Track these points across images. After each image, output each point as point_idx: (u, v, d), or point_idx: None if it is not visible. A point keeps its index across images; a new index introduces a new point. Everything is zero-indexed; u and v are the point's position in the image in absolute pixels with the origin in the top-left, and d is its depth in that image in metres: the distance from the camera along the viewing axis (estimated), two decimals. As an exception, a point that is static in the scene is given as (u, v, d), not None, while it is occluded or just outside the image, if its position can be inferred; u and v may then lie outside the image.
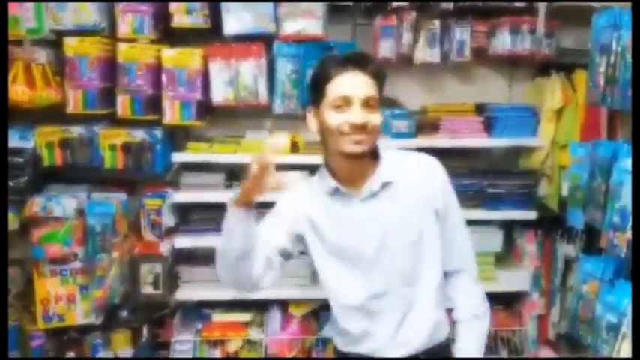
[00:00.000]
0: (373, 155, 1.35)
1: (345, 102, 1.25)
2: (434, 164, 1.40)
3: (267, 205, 1.42)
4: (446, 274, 1.42)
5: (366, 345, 1.39)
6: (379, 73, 1.31)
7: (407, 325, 1.36)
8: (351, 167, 1.31)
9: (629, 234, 1.45)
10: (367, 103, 1.26)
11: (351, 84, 1.25)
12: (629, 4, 1.49)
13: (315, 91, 1.31)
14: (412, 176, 1.35)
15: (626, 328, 1.48)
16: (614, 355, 1.50)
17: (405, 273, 1.35)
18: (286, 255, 1.39)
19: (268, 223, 1.38)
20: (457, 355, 1.41)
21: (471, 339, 1.42)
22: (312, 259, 1.40)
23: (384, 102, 2.55)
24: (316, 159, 2.29)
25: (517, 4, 2.36)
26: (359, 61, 1.29)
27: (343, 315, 1.40)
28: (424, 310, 1.36)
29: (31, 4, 2.18)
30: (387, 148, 1.41)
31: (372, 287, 1.34)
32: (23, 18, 2.17)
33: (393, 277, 1.34)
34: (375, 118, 1.28)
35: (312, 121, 1.34)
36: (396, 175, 1.33)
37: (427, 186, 1.36)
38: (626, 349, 1.47)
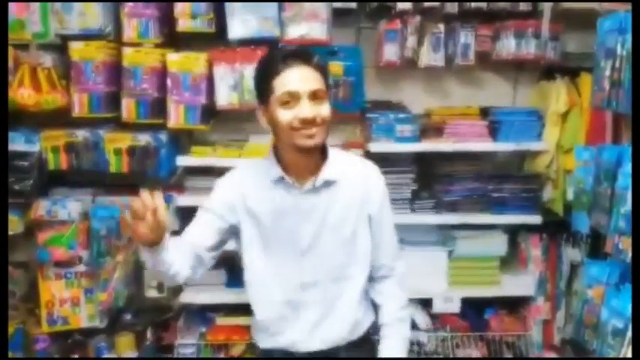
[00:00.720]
0: (321, 150, 1.38)
1: (293, 97, 1.27)
2: (375, 172, 1.47)
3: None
4: (372, 279, 1.48)
5: (286, 337, 1.42)
6: (321, 64, 1.33)
7: (328, 320, 1.40)
8: (300, 159, 1.34)
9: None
10: (315, 96, 1.28)
11: (297, 79, 1.27)
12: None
13: (261, 88, 1.33)
14: (353, 179, 1.40)
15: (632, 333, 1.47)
16: (620, 361, 1.49)
17: (335, 269, 1.39)
18: (218, 247, 1.42)
19: (200, 222, 1.40)
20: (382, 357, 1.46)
21: (396, 342, 1.48)
22: (242, 246, 1.43)
23: (386, 105, 2.57)
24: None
25: (522, 8, 2.35)
26: (301, 55, 1.30)
27: (267, 305, 1.42)
28: (346, 307, 1.41)
29: (37, 9, 2.19)
30: (333, 147, 1.45)
31: (300, 278, 1.38)
32: (29, 22, 2.18)
33: (322, 271, 1.38)
34: (324, 110, 1.30)
35: (262, 118, 1.36)
36: (339, 175, 1.38)
37: (365, 191, 1.42)
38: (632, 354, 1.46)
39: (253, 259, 1.42)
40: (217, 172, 2.37)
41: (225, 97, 2.31)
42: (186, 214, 2.43)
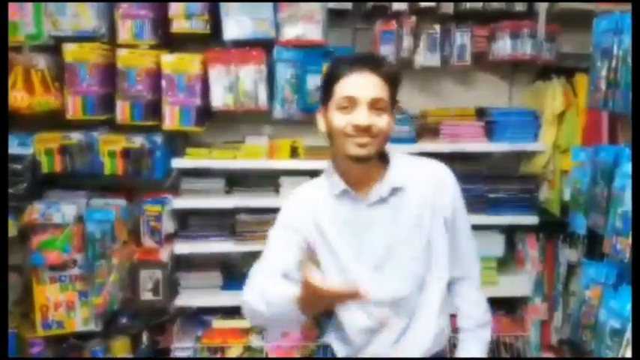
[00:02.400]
0: (382, 159, 1.32)
1: (351, 103, 1.21)
2: (444, 171, 1.37)
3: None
4: (450, 282, 1.40)
5: (369, 351, 1.36)
6: (392, 75, 1.26)
7: (410, 332, 1.34)
8: (359, 170, 1.28)
9: (631, 239, 1.44)
10: (374, 105, 1.21)
11: (358, 84, 1.21)
12: (630, 7, 1.49)
13: (324, 91, 1.28)
14: (422, 182, 1.32)
15: (630, 333, 1.46)
16: (618, 362, 1.49)
17: (412, 280, 1.32)
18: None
19: (282, 243, 1.32)
20: None
21: (476, 348, 1.42)
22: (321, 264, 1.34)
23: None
24: (316, 164, 2.31)
25: (517, 9, 2.35)
26: (369, 61, 1.25)
27: (347, 326, 1.36)
28: (429, 317, 1.34)
29: (30, 10, 2.17)
30: (397, 152, 1.37)
31: (376, 296, 1.29)
32: (22, 24, 2.17)
33: (399, 285, 1.31)
34: (382, 122, 1.23)
35: (320, 121, 1.32)
36: (405, 181, 1.30)
37: (437, 193, 1.33)
38: (630, 355, 1.46)
39: (331, 280, 1.29)
40: (212, 174, 2.39)
41: (220, 99, 2.30)
42: (181, 217, 2.43)
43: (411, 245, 1.31)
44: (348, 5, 2.36)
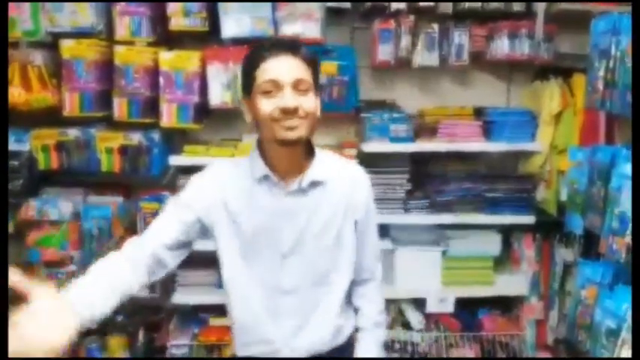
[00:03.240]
0: (308, 149, 1.32)
1: (275, 86, 1.19)
2: (363, 175, 1.40)
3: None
4: (354, 282, 1.44)
5: (265, 346, 1.36)
6: (310, 57, 1.25)
7: (308, 327, 1.35)
8: (285, 155, 1.27)
9: (628, 239, 1.44)
10: (298, 87, 1.20)
11: (280, 67, 1.20)
12: (629, 8, 1.49)
13: (245, 80, 1.25)
14: (341, 181, 1.34)
15: (626, 333, 1.47)
16: (613, 362, 1.50)
17: (317, 275, 1.34)
18: (183, 247, 1.32)
19: (169, 218, 1.30)
20: None
21: (372, 346, 1.45)
22: (219, 249, 1.34)
23: (380, 105, 2.56)
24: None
25: (516, 9, 2.36)
26: (287, 45, 1.24)
27: (244, 313, 1.36)
28: (328, 314, 1.36)
29: (27, 6, 2.17)
30: (320, 148, 1.38)
31: (280, 283, 1.32)
32: (19, 20, 2.16)
33: (303, 277, 1.32)
34: (308, 102, 1.21)
35: (246, 112, 1.29)
36: (326, 176, 1.31)
37: (353, 195, 1.36)
38: (625, 354, 1.46)
39: (230, 262, 1.34)
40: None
41: (218, 96, 2.29)
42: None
43: (322, 240, 1.32)
44: (347, 4, 2.35)
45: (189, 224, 1.29)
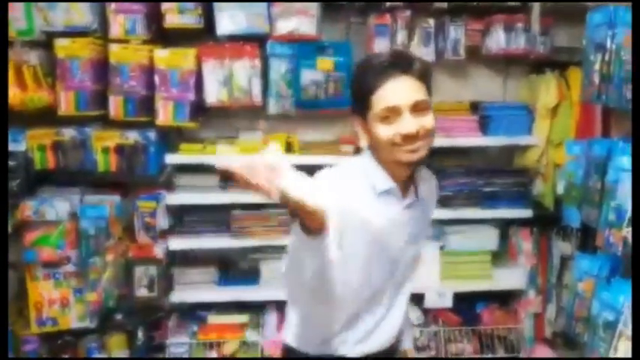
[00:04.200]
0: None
1: (393, 112, 1.16)
2: (436, 181, 1.45)
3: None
4: None
5: (325, 347, 1.34)
6: (424, 72, 1.21)
7: (377, 331, 1.36)
8: (404, 172, 1.25)
9: (624, 232, 1.45)
10: (416, 108, 1.17)
11: (396, 92, 1.16)
12: (624, 3, 1.49)
13: (359, 103, 1.21)
14: (429, 188, 1.38)
15: (623, 326, 1.48)
16: (611, 353, 1.50)
17: (401, 280, 1.36)
18: None
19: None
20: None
21: (408, 343, 1.53)
22: (339, 259, 1.20)
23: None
24: (311, 159, 2.31)
25: (511, 3, 2.35)
26: (402, 64, 1.19)
27: (333, 309, 1.30)
28: (399, 312, 1.38)
29: (20, 6, 2.15)
30: None
31: (385, 286, 1.33)
32: (13, 19, 2.15)
33: (391, 283, 1.34)
34: (427, 122, 1.19)
35: (361, 133, 1.25)
36: (426, 188, 1.35)
37: (432, 200, 1.41)
38: (623, 347, 1.47)
39: (349, 274, 1.25)
40: (207, 169, 2.38)
41: (214, 94, 2.29)
42: (176, 213, 2.43)
43: (415, 248, 1.35)
44: (342, -1, 2.35)
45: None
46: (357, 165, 1.29)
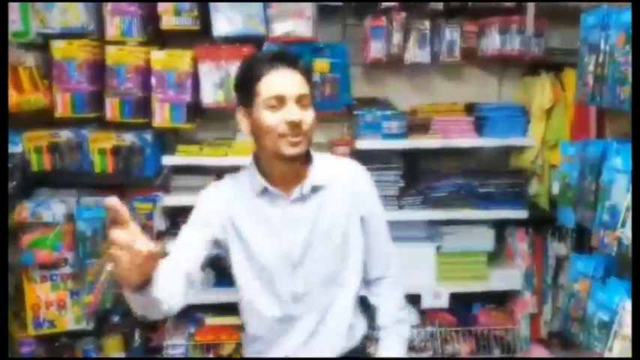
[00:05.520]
0: (305, 156, 1.33)
1: (280, 101, 1.22)
2: (361, 170, 1.42)
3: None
4: (368, 281, 1.44)
5: (281, 350, 1.36)
6: (307, 70, 1.29)
7: (322, 329, 1.35)
8: (284, 169, 1.29)
9: (619, 232, 1.46)
10: (300, 101, 1.23)
11: (284, 82, 1.23)
12: (618, 3, 1.50)
13: (244, 91, 1.27)
14: (341, 181, 1.36)
15: (618, 326, 1.49)
16: (606, 353, 1.51)
17: (327, 276, 1.34)
18: (206, 264, 1.34)
19: (188, 241, 1.30)
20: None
21: (395, 344, 1.44)
22: (232, 264, 1.35)
23: (373, 102, 2.56)
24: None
25: (506, 4, 2.37)
26: (288, 58, 1.26)
27: (257, 320, 1.36)
28: (340, 314, 1.36)
29: (16, 8, 2.15)
30: (316, 151, 1.39)
31: (293, 291, 1.32)
32: (9, 21, 2.14)
33: (314, 280, 1.33)
34: (309, 117, 1.25)
35: (243, 122, 1.30)
36: (326, 179, 1.33)
37: (354, 192, 1.37)
38: (618, 346, 1.48)
39: (244, 278, 1.35)
40: (204, 171, 2.38)
41: (210, 95, 2.29)
42: (172, 214, 2.43)
43: (329, 242, 1.33)
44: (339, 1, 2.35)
45: (210, 242, 1.31)
46: (240, 173, 1.38)
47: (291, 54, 1.30)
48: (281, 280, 1.32)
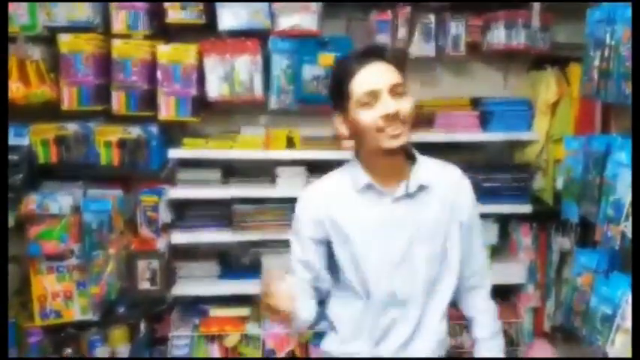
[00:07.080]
0: (407, 155, 1.31)
1: (373, 96, 1.19)
2: (462, 175, 1.38)
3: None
4: (462, 290, 1.39)
5: (373, 353, 1.33)
6: (399, 58, 1.25)
7: (417, 338, 1.31)
8: (388, 164, 1.26)
9: (623, 226, 1.46)
10: (394, 91, 1.20)
11: (373, 76, 1.20)
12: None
13: (338, 96, 1.25)
14: (444, 184, 1.32)
15: (621, 319, 1.50)
16: (608, 346, 1.52)
17: (427, 283, 1.30)
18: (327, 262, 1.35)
19: (304, 253, 1.32)
20: None
21: (495, 355, 1.42)
22: (338, 263, 1.33)
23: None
24: (312, 154, 2.32)
25: (512, -1, 2.36)
26: (374, 51, 1.24)
27: (356, 325, 1.33)
28: (435, 323, 1.32)
29: (24, 1, 2.16)
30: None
31: (392, 294, 1.28)
32: (16, 15, 2.16)
33: (414, 286, 1.29)
34: (406, 104, 1.21)
35: (341, 127, 1.28)
36: (431, 180, 1.29)
37: (456, 196, 1.33)
38: (620, 340, 1.49)
39: (345, 278, 1.31)
40: (209, 164, 2.40)
41: (216, 89, 2.30)
42: (178, 207, 2.45)
43: (430, 246, 1.29)
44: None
45: (318, 248, 1.33)
46: (340, 170, 1.36)
47: (377, 47, 1.29)
48: (382, 283, 1.28)
